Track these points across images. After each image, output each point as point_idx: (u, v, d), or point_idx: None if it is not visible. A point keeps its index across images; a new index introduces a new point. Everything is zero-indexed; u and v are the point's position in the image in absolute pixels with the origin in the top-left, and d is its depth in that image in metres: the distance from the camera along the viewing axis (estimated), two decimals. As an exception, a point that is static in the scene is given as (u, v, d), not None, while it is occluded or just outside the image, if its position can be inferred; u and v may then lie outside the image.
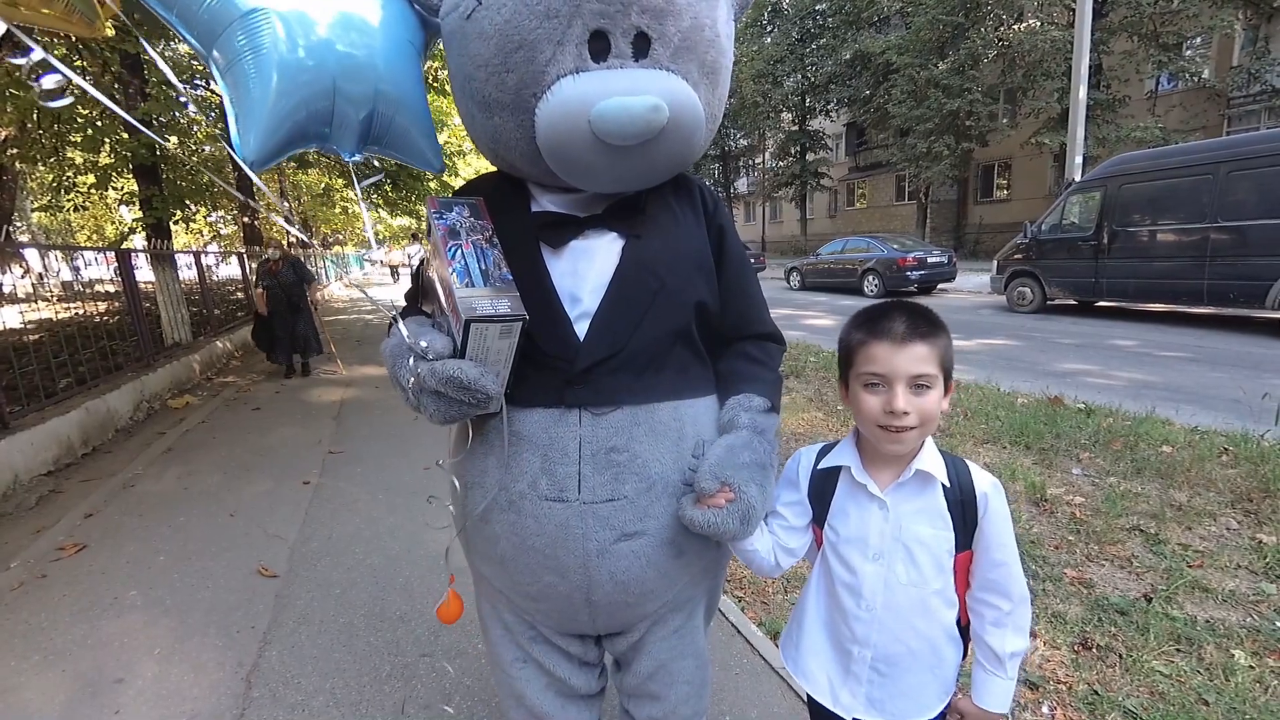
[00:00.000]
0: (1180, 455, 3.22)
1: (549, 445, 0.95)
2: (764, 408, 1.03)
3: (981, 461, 3.35)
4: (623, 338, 0.95)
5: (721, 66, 0.95)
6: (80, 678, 2.03)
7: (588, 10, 0.82)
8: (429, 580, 2.51)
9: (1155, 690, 1.71)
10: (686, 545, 1.00)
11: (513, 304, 0.89)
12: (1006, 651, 0.93)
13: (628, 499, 0.95)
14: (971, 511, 0.92)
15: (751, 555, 1.00)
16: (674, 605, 1.08)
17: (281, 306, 6.56)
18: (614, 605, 1.01)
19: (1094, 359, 6.08)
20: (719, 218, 1.08)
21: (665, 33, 0.85)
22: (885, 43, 20.50)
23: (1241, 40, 16.42)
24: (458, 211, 0.97)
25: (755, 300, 1.11)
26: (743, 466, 0.92)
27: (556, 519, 0.95)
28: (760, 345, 1.09)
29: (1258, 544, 2.39)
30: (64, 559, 2.86)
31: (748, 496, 0.91)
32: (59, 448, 4.17)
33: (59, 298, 6.02)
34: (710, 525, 0.91)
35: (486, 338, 0.87)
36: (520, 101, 0.88)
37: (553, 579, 0.98)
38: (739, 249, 1.09)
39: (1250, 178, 6.74)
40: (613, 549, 0.95)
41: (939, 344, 0.89)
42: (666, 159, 0.92)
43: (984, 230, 22.25)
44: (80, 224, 24.02)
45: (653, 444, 0.96)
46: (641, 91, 0.82)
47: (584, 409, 0.95)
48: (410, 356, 0.91)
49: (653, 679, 1.13)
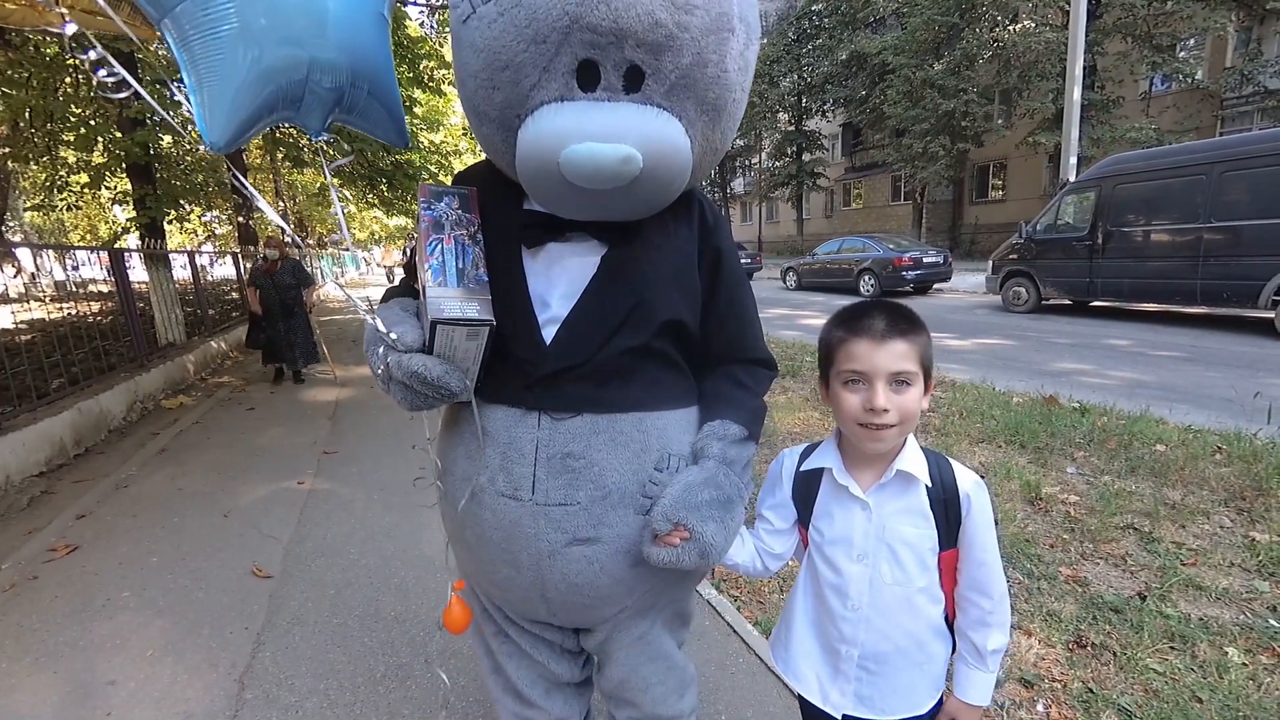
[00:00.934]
0: (1174, 454, 3.23)
1: (508, 444, 0.96)
2: (739, 436, 1.00)
3: (977, 461, 3.36)
4: (589, 349, 0.93)
5: (726, 103, 0.89)
6: (72, 680, 2.01)
7: (577, 40, 0.77)
8: (424, 581, 2.50)
9: (1149, 688, 1.71)
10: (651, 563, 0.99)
11: (481, 308, 0.89)
12: (989, 648, 0.94)
13: (580, 505, 0.95)
14: (955, 510, 0.93)
15: (734, 567, 1.02)
16: (635, 612, 1.08)
17: (275, 309, 6.22)
18: (569, 605, 1.02)
19: (1089, 358, 6.11)
20: (717, 238, 1.03)
21: (661, 68, 0.81)
22: (881, 43, 20.55)
23: (1235, 42, 16.50)
24: (446, 203, 0.97)
25: (749, 324, 1.09)
26: (699, 506, 0.91)
27: (511, 515, 0.96)
28: (749, 370, 1.08)
29: (1251, 542, 2.41)
30: (56, 560, 2.84)
31: (704, 536, 0.90)
32: (51, 448, 4.14)
33: (52, 297, 5.97)
34: (668, 562, 0.92)
35: (453, 338, 0.89)
36: (505, 119, 0.86)
37: (509, 572, 1.00)
38: (737, 271, 1.06)
39: (1244, 178, 6.78)
40: (564, 552, 0.96)
41: (919, 341, 0.89)
42: (641, 201, 0.89)
43: (979, 230, 22.32)
44: (74, 223, 23.87)
45: (611, 453, 0.95)
46: (618, 137, 0.78)
47: (544, 412, 0.95)
48: (382, 345, 0.92)
49: (624, 686, 1.14)
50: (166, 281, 7.37)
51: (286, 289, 6.25)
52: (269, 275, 6.21)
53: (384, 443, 4.31)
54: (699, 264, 1.02)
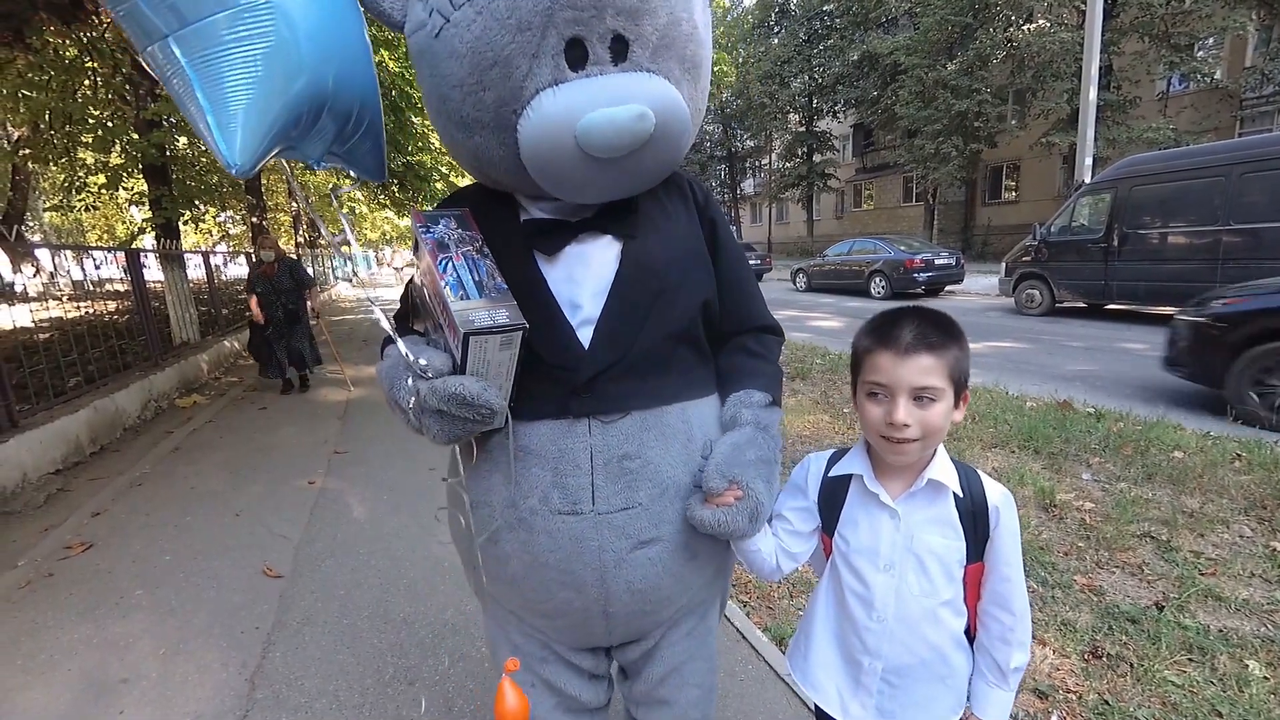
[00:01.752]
0: (1192, 461, 3.18)
1: (559, 458, 0.92)
2: (765, 402, 1.01)
3: (990, 466, 3.32)
4: (627, 342, 0.93)
5: (701, 59, 0.92)
6: (86, 677, 2.03)
7: (560, 19, 0.78)
8: (433, 581, 2.51)
9: (1167, 701, 1.68)
10: (700, 548, 0.99)
11: (511, 313, 0.86)
12: (1011, 666, 0.93)
13: (642, 506, 0.93)
14: (983, 523, 0.91)
15: (754, 556, 0.99)
16: (688, 608, 1.08)
17: (277, 315, 5.79)
18: (631, 615, 0.99)
19: (1104, 362, 6.02)
20: (710, 211, 1.05)
21: (643, 33, 0.82)
22: (893, 43, 20.41)
23: (1255, 41, 16.23)
24: (444, 224, 0.94)
25: (752, 293, 1.09)
26: (749, 464, 0.91)
27: (571, 533, 0.92)
28: (759, 338, 1.08)
29: (1272, 552, 2.36)
30: (71, 558, 2.87)
31: (755, 493, 0.90)
32: (67, 446, 4.19)
33: (69, 297, 6.07)
34: (720, 524, 0.90)
35: (486, 350, 0.85)
36: (500, 119, 0.85)
37: (568, 595, 0.96)
38: (733, 241, 1.08)
39: (1263, 180, 6.65)
40: (629, 558, 0.94)
41: (948, 355, 0.86)
42: (654, 164, 0.90)
43: (992, 232, 22.10)
44: (91, 224, 24.23)
45: (664, 448, 0.94)
46: (625, 100, 0.79)
47: (592, 418, 0.92)
48: (409, 376, 0.88)
49: (664, 684, 1.11)
50: (181, 281, 7.47)
51: (286, 292, 5.85)
52: (267, 278, 5.78)
53: (394, 443, 4.33)
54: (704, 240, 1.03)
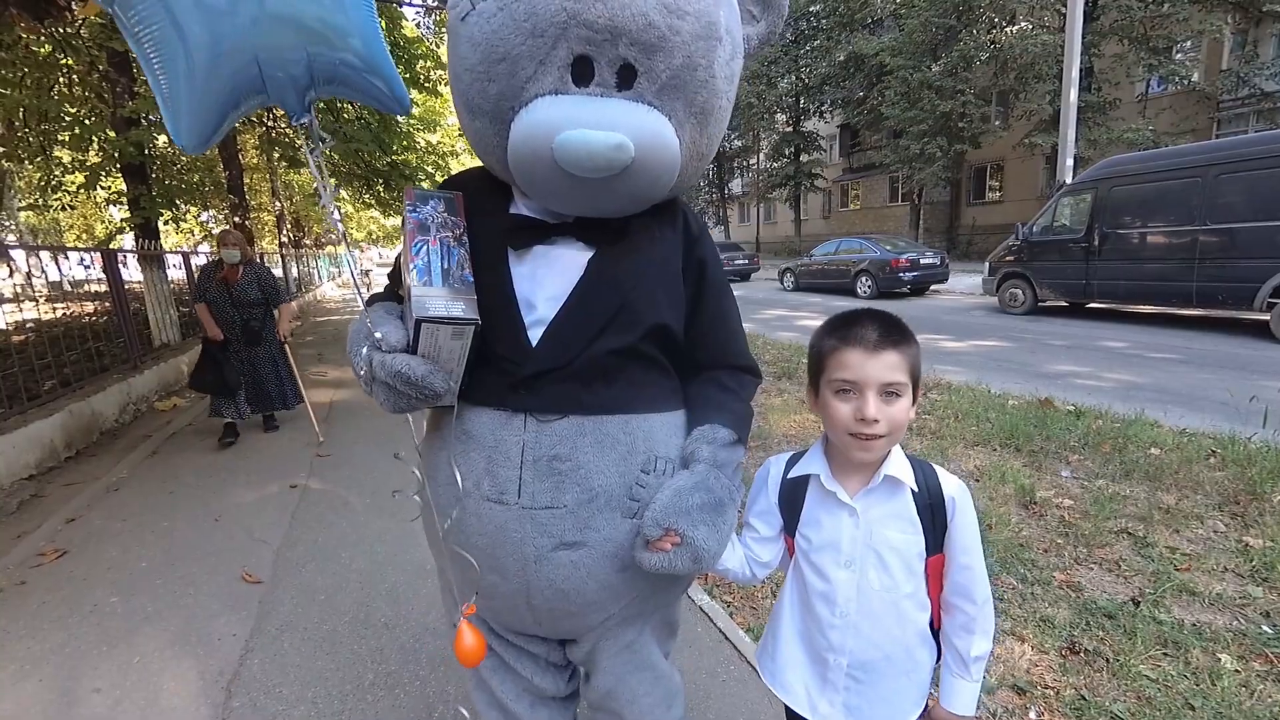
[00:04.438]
0: (1168, 457, 3.23)
1: (493, 447, 0.95)
2: (728, 440, 1.01)
3: (972, 464, 3.35)
4: (575, 350, 0.94)
5: (715, 108, 0.92)
6: (57, 687, 1.99)
7: (574, 35, 0.81)
8: (416, 586, 2.48)
9: (1142, 695, 1.70)
10: (631, 561, 0.98)
11: (467, 307, 0.89)
12: (972, 655, 0.95)
13: (566, 508, 0.94)
14: (940, 515, 0.93)
15: (725, 573, 1.02)
16: (623, 619, 1.07)
17: (234, 333, 4.39)
18: (555, 613, 1.01)
19: (1084, 360, 6.11)
20: (702, 248, 1.05)
21: (653, 68, 0.84)
22: (878, 44, 20.54)
23: (1230, 44, 16.55)
24: (432, 206, 0.97)
25: (734, 331, 1.10)
26: (689, 510, 0.90)
27: (496, 520, 0.95)
28: (734, 375, 1.08)
29: (1244, 547, 2.40)
30: (44, 565, 2.81)
31: (695, 540, 0.90)
32: (41, 451, 4.11)
33: (46, 298, 5.93)
34: (660, 568, 0.91)
35: (438, 337, 0.88)
36: (499, 112, 0.88)
37: (494, 578, 0.99)
38: (721, 279, 1.08)
39: (1239, 180, 6.79)
40: (550, 556, 0.95)
41: (909, 352, 0.89)
42: (630, 195, 0.91)
43: (976, 232, 22.34)
44: (69, 223, 23.79)
45: (598, 456, 0.95)
46: (610, 127, 0.81)
47: (530, 414, 0.95)
48: (366, 344, 0.91)
49: (611, 697, 1.13)
50: (161, 282, 7.34)
51: (250, 306, 4.42)
52: (226, 286, 4.34)
53: (377, 445, 4.29)
54: (684, 271, 1.03)
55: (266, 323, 4.58)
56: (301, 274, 17.86)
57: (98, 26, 6.19)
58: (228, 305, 4.36)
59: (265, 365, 4.57)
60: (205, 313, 4.35)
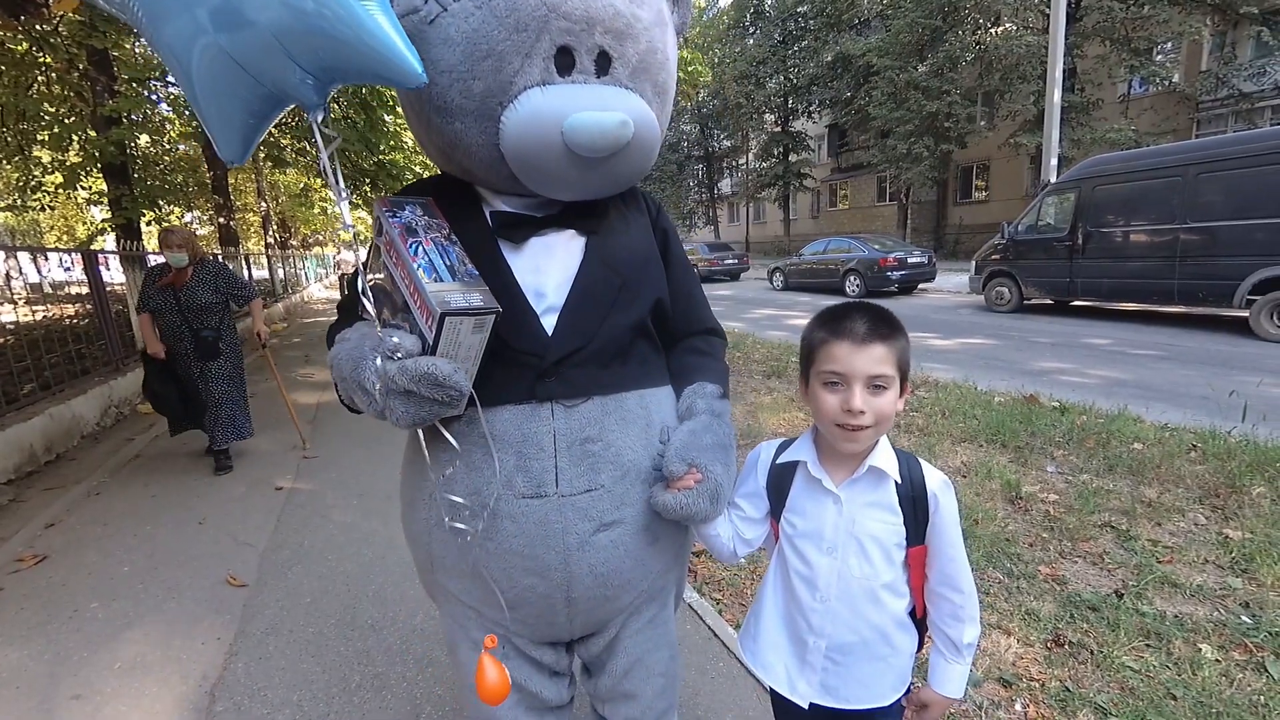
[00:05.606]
0: (1151, 452, 3.27)
1: (523, 441, 0.94)
2: (718, 394, 1.09)
3: (959, 460, 3.38)
4: (590, 330, 0.97)
5: (669, 87, 1.02)
6: (35, 695, 1.95)
7: (555, 27, 0.84)
8: (403, 587, 2.46)
9: (1125, 685, 1.72)
10: (660, 531, 1.03)
11: (484, 297, 0.87)
12: (964, 641, 0.98)
13: (605, 488, 0.96)
14: (923, 508, 0.95)
15: (714, 540, 1.04)
16: (649, 594, 1.10)
17: (184, 346, 3.72)
18: (593, 601, 1.01)
19: (1069, 357, 6.18)
20: (663, 222, 1.14)
21: (625, 53, 0.90)
22: (866, 45, 20.70)
23: (1210, 46, 16.83)
24: (410, 210, 0.95)
25: (698, 299, 1.17)
26: (707, 448, 0.96)
27: (535, 516, 0.94)
28: (706, 340, 1.16)
29: (1224, 539, 2.44)
30: (22, 571, 2.76)
31: (714, 475, 0.95)
32: (21, 455, 4.03)
33: (25, 300, 5.81)
34: (682, 507, 0.94)
35: (460, 332, 0.85)
36: (485, 109, 0.88)
37: (532, 581, 0.97)
38: (681, 252, 1.16)
39: (1218, 180, 6.90)
40: (592, 540, 0.96)
41: (897, 345, 0.91)
42: (628, 170, 0.96)
43: (963, 231, 22.55)
44: (50, 224, 23.41)
45: (624, 432, 0.98)
46: (608, 107, 0.86)
47: (555, 402, 0.95)
48: (376, 358, 0.86)
49: (628, 676, 1.13)
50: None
51: (202, 313, 3.72)
52: (173, 291, 3.66)
53: (364, 446, 4.25)
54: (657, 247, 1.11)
55: (224, 332, 3.86)
56: (288, 275, 17.68)
57: (77, 24, 6.09)
58: (173, 313, 3.67)
59: (220, 384, 3.83)
60: (146, 324, 3.68)
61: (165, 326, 3.71)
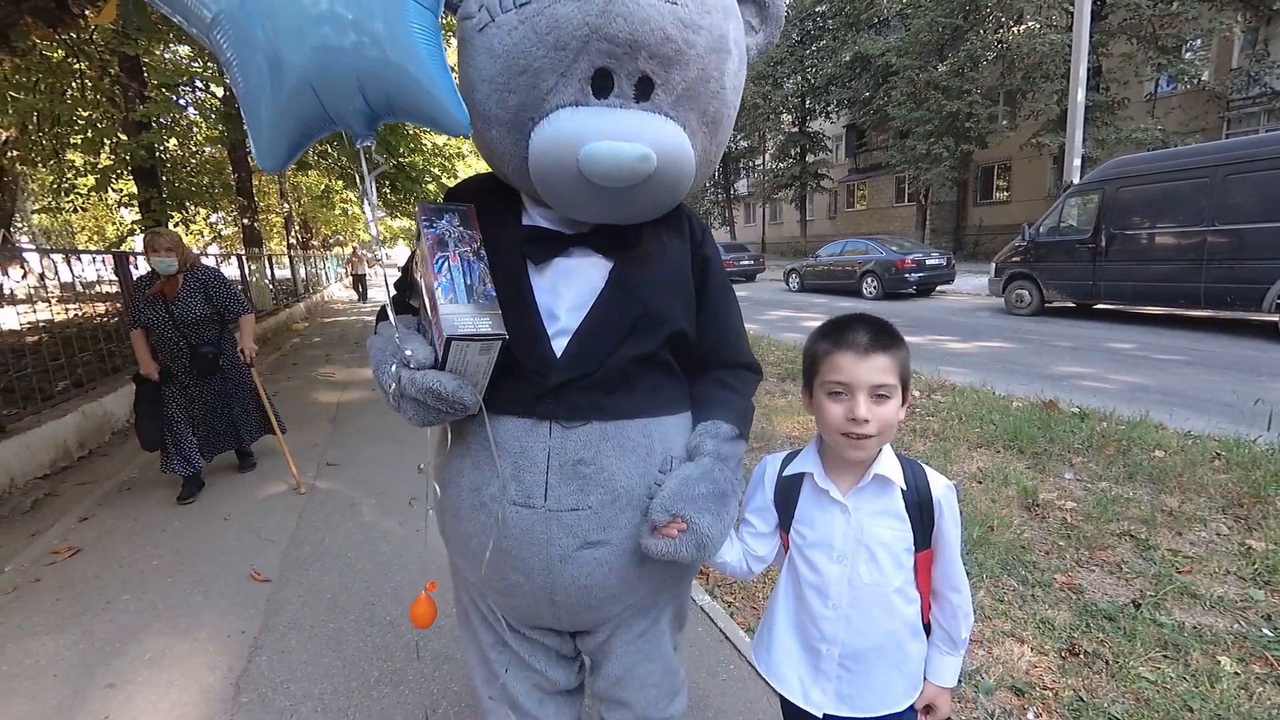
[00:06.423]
0: (1172, 460, 3.22)
1: (519, 453, 0.98)
2: (730, 435, 1.05)
3: (975, 466, 3.36)
4: (598, 358, 0.97)
5: (724, 117, 0.97)
6: (71, 683, 2.03)
7: (595, 49, 0.83)
8: (420, 585, 2.46)
9: (1141, 697, 1.71)
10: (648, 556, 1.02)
11: (494, 323, 0.91)
12: (962, 637, 1.02)
13: (591, 509, 0.97)
14: (929, 513, 0.98)
15: (724, 567, 1.06)
16: (638, 609, 1.11)
17: (181, 364, 3.44)
18: (577, 607, 1.04)
19: (1090, 362, 6.08)
20: (705, 249, 1.10)
21: (670, 80, 0.87)
22: (885, 45, 20.50)
23: (1241, 43, 16.40)
24: (448, 220, 0.98)
25: (735, 330, 1.14)
26: (696, 499, 0.94)
27: (523, 523, 0.98)
28: (736, 374, 1.12)
29: (1247, 550, 2.40)
30: (58, 563, 2.86)
31: (700, 527, 0.93)
32: (55, 450, 4.18)
33: (59, 299, 6.00)
34: (665, 554, 0.94)
35: (466, 354, 0.90)
36: (519, 122, 0.89)
37: (519, 578, 1.01)
38: (723, 280, 1.12)
39: (1248, 181, 6.74)
40: (575, 555, 0.98)
41: (899, 356, 0.93)
42: (651, 202, 0.94)
43: (983, 232, 22.22)
44: (81, 225, 24.08)
45: (620, 459, 0.99)
46: (634, 137, 0.84)
47: (554, 422, 0.97)
48: (394, 362, 0.93)
49: (620, 684, 1.15)
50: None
51: (197, 326, 3.42)
52: (164, 302, 3.34)
53: (384, 446, 4.33)
54: (692, 275, 1.07)
55: (224, 346, 3.59)
56: (310, 275, 17.99)
57: (110, 32, 6.28)
58: (169, 327, 3.35)
59: (218, 401, 3.61)
60: (140, 341, 3.38)
61: (160, 342, 3.38)
